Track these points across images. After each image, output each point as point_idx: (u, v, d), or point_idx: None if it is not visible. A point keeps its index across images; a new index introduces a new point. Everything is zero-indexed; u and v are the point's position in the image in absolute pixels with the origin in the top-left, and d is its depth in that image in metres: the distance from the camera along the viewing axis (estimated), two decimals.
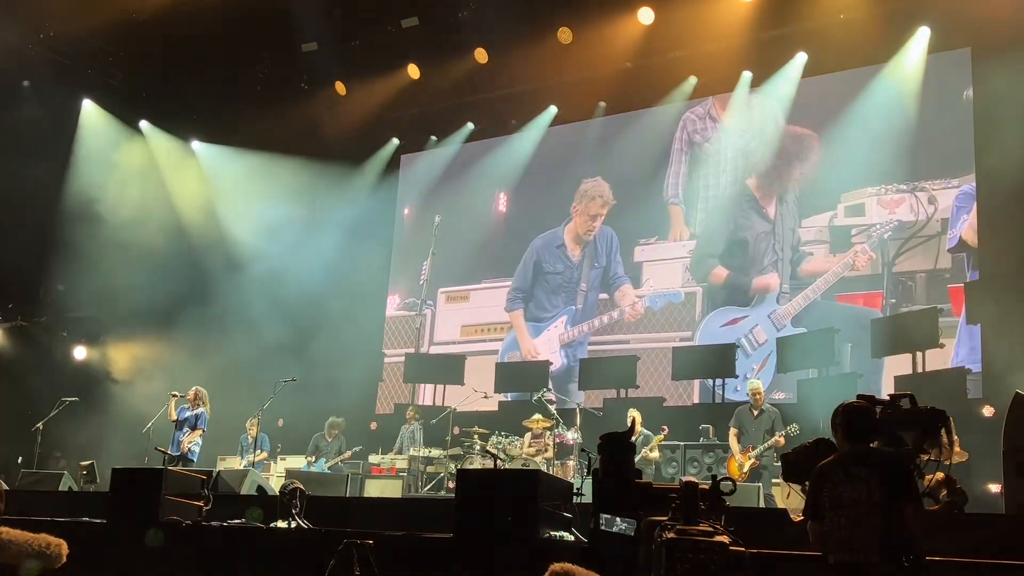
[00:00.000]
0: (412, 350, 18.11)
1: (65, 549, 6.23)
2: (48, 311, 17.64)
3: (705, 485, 4.68)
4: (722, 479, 4.68)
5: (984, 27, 13.42)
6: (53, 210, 16.10)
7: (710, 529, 4.29)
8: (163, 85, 17.33)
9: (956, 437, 5.04)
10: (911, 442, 5.07)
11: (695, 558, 4.14)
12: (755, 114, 15.73)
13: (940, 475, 4.91)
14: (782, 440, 11.71)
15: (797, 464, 5.42)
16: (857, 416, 5.19)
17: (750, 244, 15.45)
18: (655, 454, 12.62)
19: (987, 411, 11.23)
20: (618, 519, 5.01)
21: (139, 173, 17.17)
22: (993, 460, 8.53)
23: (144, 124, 17.82)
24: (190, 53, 16.18)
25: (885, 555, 4.80)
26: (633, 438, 11.90)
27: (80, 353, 17.55)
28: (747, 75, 15.61)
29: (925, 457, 5.05)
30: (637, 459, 11.83)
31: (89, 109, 17.20)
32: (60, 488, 12.45)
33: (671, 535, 4.25)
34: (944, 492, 4.86)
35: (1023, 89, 12.53)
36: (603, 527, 5.00)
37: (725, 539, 4.23)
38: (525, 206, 17.95)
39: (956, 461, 5.00)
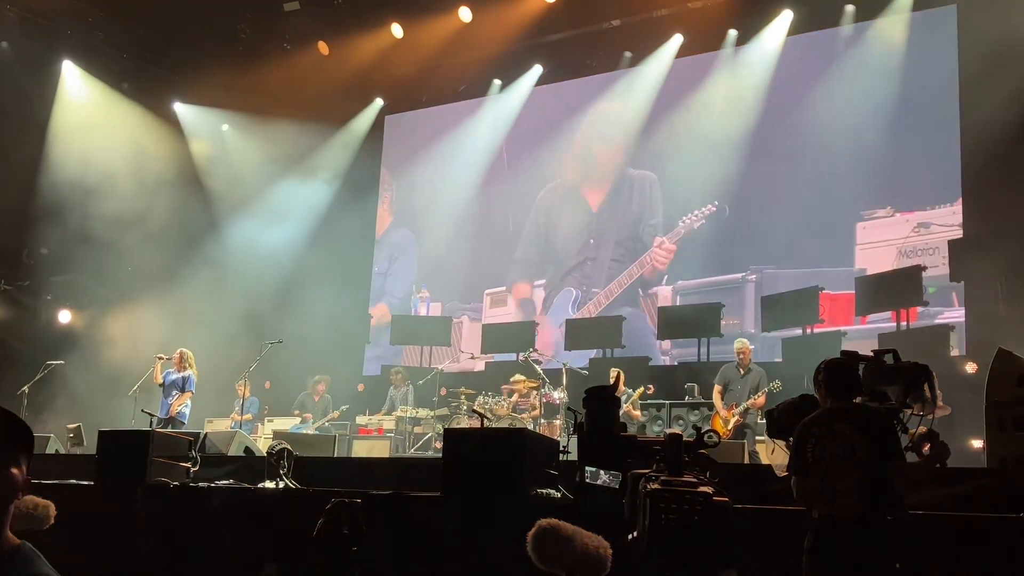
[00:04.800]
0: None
1: (53, 511, 6.24)
2: (32, 275, 17.53)
3: (690, 438, 4.71)
4: (706, 431, 4.71)
5: None
6: (34, 172, 15.93)
7: (694, 480, 4.32)
8: (144, 46, 17.13)
9: (939, 392, 5.08)
10: (894, 397, 5.10)
11: (679, 508, 4.17)
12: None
13: (923, 429, 4.94)
14: (763, 400, 11.78)
15: (782, 420, 5.45)
16: (839, 372, 5.22)
17: None
18: (638, 411, 12.68)
19: (970, 367, 11.31)
20: (603, 472, 5.04)
21: (120, 134, 17.00)
22: (976, 416, 8.63)
23: (125, 85, 17.63)
24: (171, 13, 15.97)
25: (868, 510, 4.84)
26: (617, 394, 12.01)
27: (65, 316, 17.48)
28: (732, 33, 15.56)
29: (908, 412, 5.09)
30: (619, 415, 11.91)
31: (69, 70, 17.00)
32: (47, 451, 12.45)
33: (655, 486, 4.27)
34: (927, 446, 4.89)
35: (1008, 45, 12.51)
36: (588, 480, 5.03)
37: (709, 490, 4.26)
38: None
39: (939, 415, 5.04)
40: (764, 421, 11.75)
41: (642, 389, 12.79)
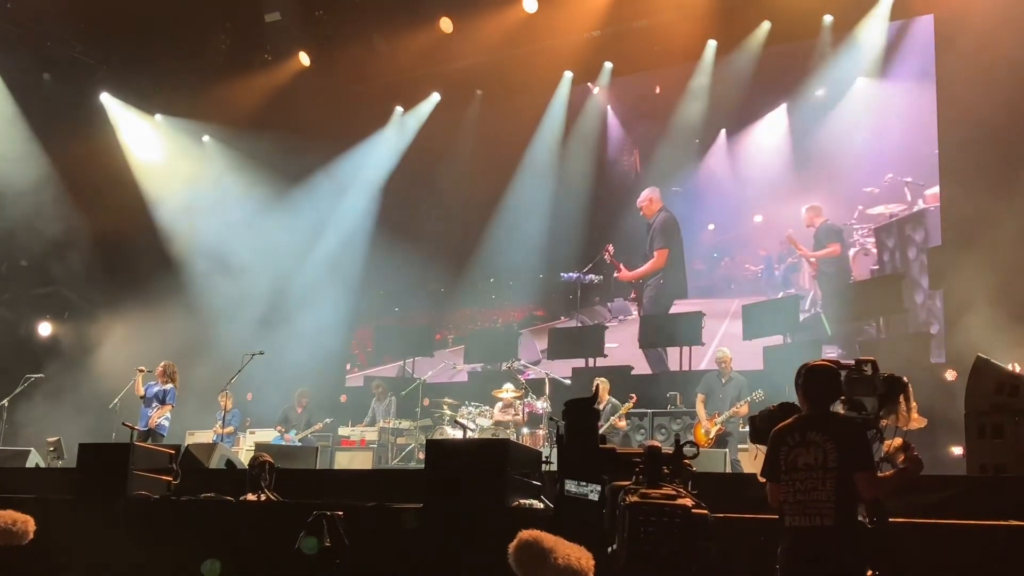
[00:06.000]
0: None
1: (32, 525, 6.19)
2: (11, 287, 17.43)
3: (669, 449, 4.72)
4: (685, 443, 4.71)
5: None
6: (13, 184, 15.85)
7: (673, 492, 4.32)
8: (124, 57, 17.07)
9: (914, 403, 5.10)
10: (870, 408, 5.13)
11: (658, 521, 4.17)
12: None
13: (898, 441, 4.96)
14: (745, 409, 11.80)
15: (763, 427, 5.47)
16: (817, 377, 5.23)
17: None
18: (623, 422, 12.70)
19: (950, 375, 11.37)
20: (582, 484, 5.04)
21: (100, 146, 16.93)
22: (956, 423, 8.69)
23: (105, 96, 17.57)
24: (151, 24, 15.91)
25: (839, 519, 4.85)
26: (600, 406, 12.02)
27: (45, 329, 17.38)
28: (712, 44, 15.61)
29: (884, 423, 5.11)
30: (605, 427, 11.94)
31: (48, 81, 16.91)
32: (27, 465, 12.36)
33: (634, 499, 4.27)
34: (902, 458, 4.92)
35: (985, 54, 12.64)
36: (568, 493, 5.03)
37: (688, 502, 4.26)
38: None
39: (914, 427, 5.07)
40: (747, 429, 11.82)
41: (630, 404, 12.78)
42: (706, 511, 4.28)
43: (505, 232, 17.09)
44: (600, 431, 6.27)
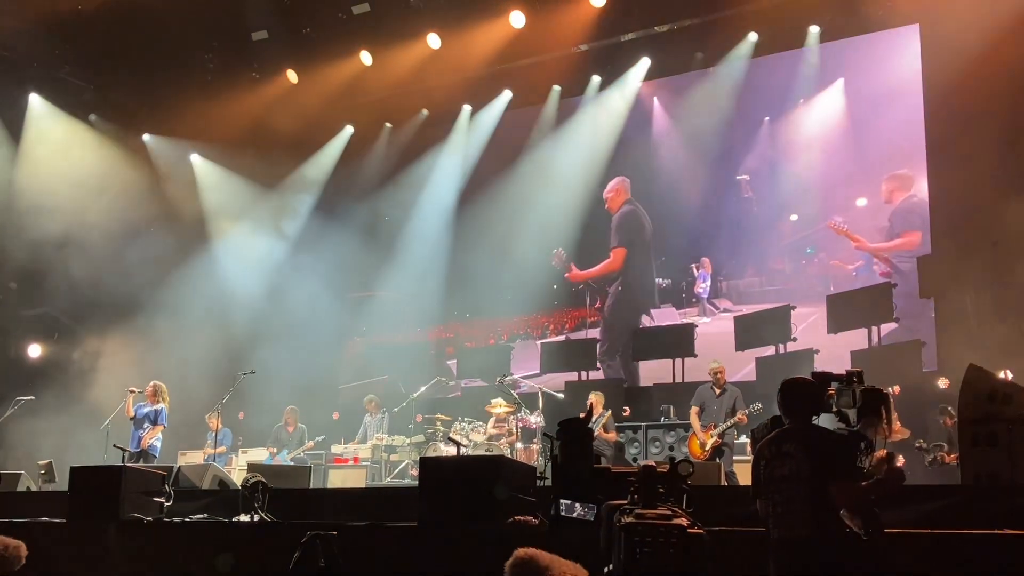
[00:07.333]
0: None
1: (24, 551, 6.15)
2: (1, 309, 17.34)
3: (664, 467, 4.72)
4: (680, 462, 4.71)
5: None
6: (2, 207, 15.80)
7: (668, 512, 4.32)
8: (111, 77, 17.03)
9: (895, 415, 5.15)
10: (853, 420, 5.17)
11: (653, 541, 4.17)
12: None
13: (882, 452, 4.99)
14: (744, 418, 11.79)
15: (758, 441, 5.50)
16: (791, 392, 5.28)
17: None
18: (611, 434, 12.65)
19: (942, 383, 11.39)
20: (578, 505, 5.04)
21: (89, 167, 16.89)
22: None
23: (93, 117, 17.52)
24: (138, 44, 15.88)
25: (815, 530, 4.86)
26: (593, 421, 12.00)
27: (35, 351, 17.29)
28: (698, 56, 15.64)
29: (870, 433, 5.14)
30: (595, 440, 11.90)
31: (36, 103, 16.87)
32: (18, 488, 12.28)
33: (629, 519, 4.27)
34: (884, 469, 4.94)
35: (971, 62, 12.69)
36: (563, 513, 5.02)
37: (683, 522, 4.25)
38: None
39: (896, 438, 5.12)
40: (741, 440, 11.85)
41: (610, 413, 12.73)
42: (702, 531, 4.28)
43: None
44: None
